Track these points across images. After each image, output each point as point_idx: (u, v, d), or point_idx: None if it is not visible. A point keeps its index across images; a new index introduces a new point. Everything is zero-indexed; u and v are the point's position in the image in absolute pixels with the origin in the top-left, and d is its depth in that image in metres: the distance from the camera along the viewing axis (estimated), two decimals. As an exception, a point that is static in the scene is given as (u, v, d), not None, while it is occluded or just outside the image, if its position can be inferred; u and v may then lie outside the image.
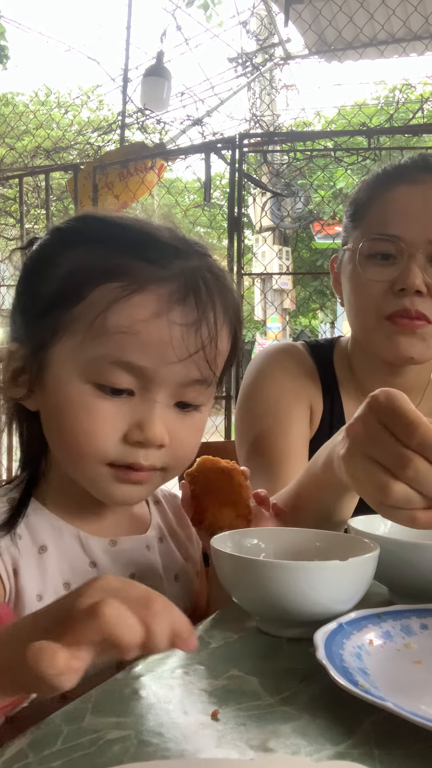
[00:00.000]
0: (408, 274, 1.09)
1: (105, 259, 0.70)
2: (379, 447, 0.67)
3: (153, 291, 0.68)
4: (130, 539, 0.82)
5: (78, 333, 0.69)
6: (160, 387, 0.70)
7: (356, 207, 1.21)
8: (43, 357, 0.72)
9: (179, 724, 0.51)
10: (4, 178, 5.56)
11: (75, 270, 0.71)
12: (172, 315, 0.68)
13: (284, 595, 0.65)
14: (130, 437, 0.70)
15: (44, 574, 0.74)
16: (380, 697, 0.50)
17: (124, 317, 0.68)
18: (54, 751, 0.48)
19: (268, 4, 7.40)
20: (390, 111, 5.76)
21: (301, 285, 9.53)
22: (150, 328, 0.68)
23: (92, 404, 0.69)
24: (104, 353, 0.68)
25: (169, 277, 0.69)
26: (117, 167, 4.30)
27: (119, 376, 0.69)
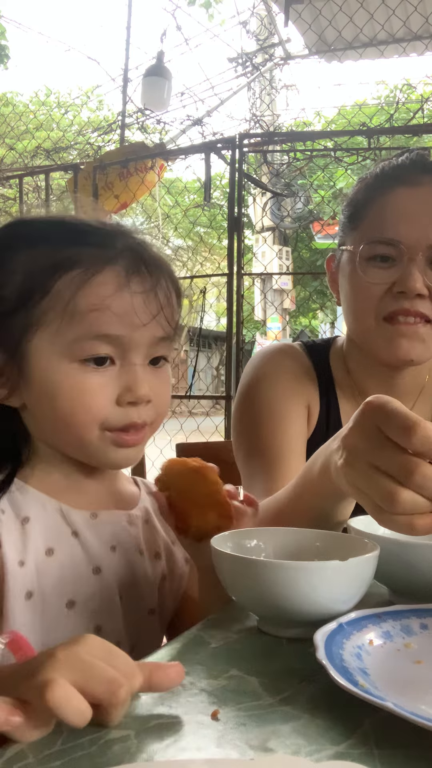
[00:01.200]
0: (408, 278, 1.09)
1: (57, 253, 0.77)
2: (381, 455, 0.66)
3: (110, 269, 0.77)
4: (111, 513, 0.86)
5: (52, 322, 0.76)
6: (135, 350, 0.79)
7: (354, 208, 1.20)
8: (21, 354, 0.78)
9: (179, 724, 0.51)
10: (4, 178, 5.56)
11: (32, 269, 0.78)
12: (132, 286, 0.78)
13: (284, 595, 0.65)
14: (122, 400, 0.78)
15: (26, 543, 0.79)
16: (380, 697, 0.50)
17: (93, 297, 0.76)
18: (54, 751, 0.48)
19: (268, 4, 7.40)
20: (390, 111, 5.76)
21: (301, 285, 9.53)
22: (116, 301, 0.76)
23: (83, 379, 0.77)
24: (83, 332, 0.76)
25: (118, 256, 0.78)
26: (117, 167, 4.31)
27: (100, 348, 0.77)
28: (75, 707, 0.47)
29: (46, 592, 0.79)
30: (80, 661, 0.49)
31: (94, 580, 0.82)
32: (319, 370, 1.28)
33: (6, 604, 0.76)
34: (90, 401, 0.77)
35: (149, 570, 0.89)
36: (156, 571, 0.90)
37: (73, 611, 0.80)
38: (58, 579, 0.80)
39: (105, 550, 0.84)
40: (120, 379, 0.78)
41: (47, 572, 0.79)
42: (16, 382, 0.79)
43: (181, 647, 0.66)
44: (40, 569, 0.79)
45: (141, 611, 0.88)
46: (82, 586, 0.81)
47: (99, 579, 0.83)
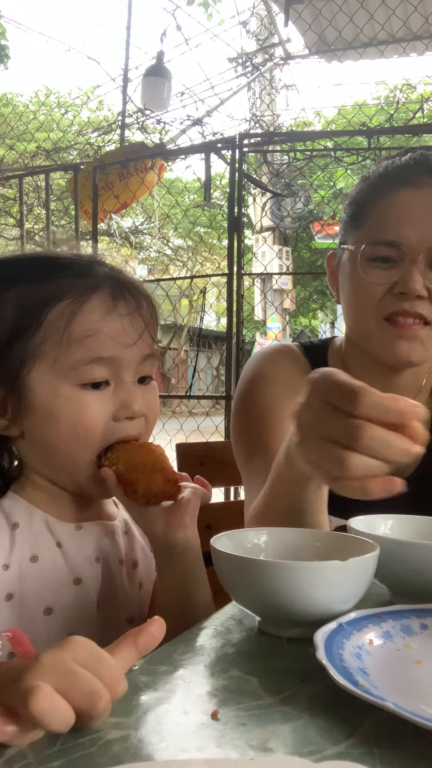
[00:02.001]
0: (409, 279, 1.09)
1: (44, 288, 0.83)
2: (329, 424, 0.68)
3: (96, 296, 0.83)
4: (94, 524, 0.90)
5: (49, 352, 0.81)
6: (127, 369, 0.85)
7: (357, 207, 1.20)
8: (21, 386, 0.82)
9: (179, 724, 0.51)
10: (4, 178, 5.56)
11: (22, 305, 0.83)
12: (118, 310, 0.84)
13: (284, 595, 0.65)
14: (118, 416, 0.83)
15: (13, 547, 0.83)
16: (380, 697, 0.50)
17: (85, 323, 0.81)
18: (54, 751, 0.48)
19: (268, 4, 7.40)
20: (390, 111, 5.76)
21: (301, 285, 9.53)
22: (107, 324, 0.82)
23: (83, 400, 0.82)
24: (80, 357, 0.81)
25: (100, 283, 0.84)
26: (117, 167, 4.30)
27: (96, 371, 0.82)
28: (59, 715, 0.46)
29: (25, 596, 0.82)
30: (65, 669, 0.49)
31: (74, 591, 0.85)
32: (315, 368, 1.27)
33: None
34: (91, 418, 0.82)
35: (127, 579, 0.92)
36: (134, 580, 0.93)
37: (50, 618, 0.83)
38: (39, 585, 0.83)
39: (88, 561, 0.87)
40: (115, 397, 0.84)
41: (29, 577, 0.82)
42: (16, 412, 0.83)
43: (181, 647, 0.66)
44: (23, 573, 0.82)
45: (119, 620, 0.90)
46: (60, 595, 0.84)
47: (78, 589, 0.85)
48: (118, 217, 8.13)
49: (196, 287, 6.16)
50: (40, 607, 0.82)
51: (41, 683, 0.47)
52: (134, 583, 0.93)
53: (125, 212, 5.62)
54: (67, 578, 0.85)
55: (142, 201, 4.51)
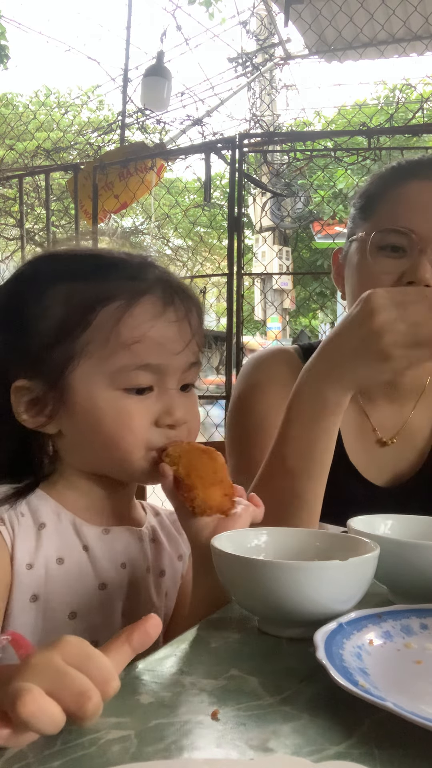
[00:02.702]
0: (418, 268, 1.09)
1: (95, 287, 0.81)
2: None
3: (147, 301, 0.81)
4: (122, 529, 0.88)
5: (95, 353, 0.80)
6: (171, 377, 0.83)
7: (367, 199, 1.21)
8: (64, 384, 0.81)
9: (179, 724, 0.51)
10: (4, 178, 5.56)
11: (71, 303, 0.81)
12: (167, 316, 0.82)
13: (284, 595, 0.65)
14: (161, 422, 0.82)
15: (39, 548, 0.81)
16: (380, 697, 0.50)
17: (134, 329, 0.79)
18: (54, 751, 0.48)
19: (268, 4, 7.40)
20: (390, 111, 5.76)
21: (301, 285, 9.53)
22: (156, 331, 0.80)
23: (126, 405, 0.81)
24: (126, 363, 0.80)
25: (152, 287, 0.82)
26: (117, 167, 4.31)
27: (142, 377, 0.81)
28: (48, 718, 0.46)
29: (50, 599, 0.80)
30: (53, 669, 0.48)
31: (99, 596, 0.83)
32: None
33: (11, 603, 0.79)
34: (134, 425, 0.81)
35: (153, 588, 0.90)
36: (160, 589, 0.92)
37: (74, 622, 0.81)
38: (65, 588, 0.81)
39: (114, 566, 0.85)
40: (158, 403, 0.82)
41: (55, 579, 0.81)
42: (56, 410, 0.82)
43: (181, 647, 0.66)
44: (49, 575, 0.81)
45: None
46: (85, 599, 0.82)
47: (103, 595, 0.84)
48: (117, 218, 8.11)
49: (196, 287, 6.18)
50: (64, 611, 0.81)
51: (29, 685, 0.46)
52: (161, 592, 0.92)
53: (125, 212, 5.61)
54: (93, 582, 0.83)
55: (142, 201, 4.51)
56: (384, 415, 1.25)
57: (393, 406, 1.25)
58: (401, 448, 1.24)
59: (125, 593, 0.86)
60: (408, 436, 1.25)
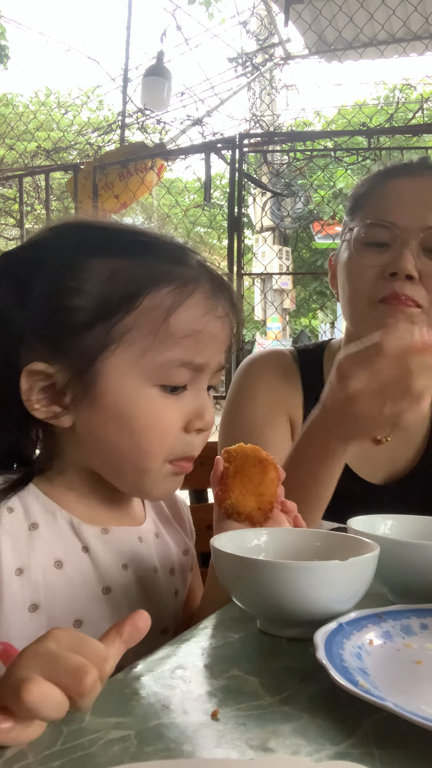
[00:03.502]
0: (400, 258, 1.10)
1: (140, 267, 0.72)
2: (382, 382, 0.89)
3: (198, 291, 0.73)
4: (122, 529, 0.82)
5: (137, 342, 0.71)
6: (205, 376, 0.77)
7: (355, 200, 1.23)
8: (93, 372, 0.71)
9: (179, 724, 0.51)
10: (4, 178, 5.56)
11: (112, 281, 0.71)
12: (216, 311, 0.75)
13: (284, 595, 0.65)
14: (191, 426, 0.76)
15: (31, 551, 0.74)
16: (380, 697, 0.50)
17: (186, 321, 0.72)
18: (54, 751, 0.48)
19: (268, 4, 7.40)
20: (390, 111, 5.76)
21: (301, 285, 9.53)
22: (206, 326, 0.73)
23: (161, 404, 0.73)
24: (173, 357, 0.72)
25: (198, 276, 0.74)
26: (117, 167, 4.31)
27: (183, 375, 0.74)
28: (52, 702, 0.46)
29: (53, 608, 0.74)
30: (48, 655, 0.48)
31: (104, 601, 0.78)
32: (307, 375, 1.28)
33: (3, 614, 0.72)
34: (166, 426, 0.74)
35: (163, 587, 0.85)
36: (170, 588, 0.86)
37: (80, 630, 0.72)
38: (67, 595, 0.75)
39: (116, 567, 0.79)
40: (189, 404, 0.75)
41: (55, 586, 0.74)
42: (78, 401, 0.73)
43: (181, 647, 0.66)
44: (48, 581, 0.74)
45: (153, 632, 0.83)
46: (91, 605, 0.76)
47: (109, 599, 0.78)
48: (117, 217, 8.13)
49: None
50: (69, 620, 0.74)
51: (31, 674, 0.46)
52: (170, 591, 0.86)
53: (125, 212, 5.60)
54: (96, 587, 0.77)
55: (142, 201, 4.51)
56: None
57: None
58: (396, 445, 1.25)
59: (132, 597, 0.80)
60: (403, 434, 1.26)
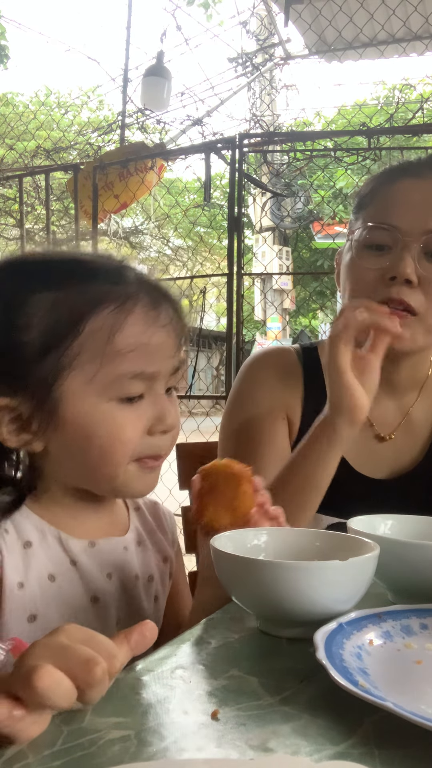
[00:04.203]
0: (399, 263, 1.09)
1: (82, 293, 0.77)
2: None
3: (138, 307, 0.78)
4: (108, 541, 0.86)
5: (86, 364, 0.75)
6: (160, 382, 0.81)
7: (360, 199, 1.22)
8: (52, 399, 0.76)
9: (179, 724, 0.51)
10: (4, 178, 5.56)
11: (58, 310, 0.76)
12: (159, 320, 0.79)
13: (284, 595, 0.65)
14: (153, 430, 0.80)
15: (28, 567, 0.79)
16: (380, 697, 0.50)
17: (130, 336, 0.76)
18: (54, 751, 0.48)
19: (268, 4, 7.40)
20: (390, 111, 5.76)
21: (301, 285, 9.53)
22: (151, 338, 0.78)
23: (120, 416, 0.78)
24: (123, 372, 0.76)
25: (137, 292, 0.79)
26: (117, 167, 4.30)
27: (137, 385, 0.78)
28: (63, 690, 0.48)
29: (49, 617, 0.79)
30: (59, 646, 0.50)
31: (92, 610, 0.82)
32: (309, 373, 1.28)
33: (6, 623, 0.77)
34: (127, 436, 0.78)
35: (143, 594, 0.89)
36: (150, 594, 0.91)
37: None
38: (61, 606, 0.80)
39: (101, 578, 0.84)
40: (150, 411, 0.80)
41: (50, 598, 0.79)
42: (43, 427, 0.77)
43: (181, 647, 0.66)
44: (44, 594, 0.79)
45: None
46: (81, 615, 0.81)
47: (96, 608, 0.83)
48: (117, 218, 8.12)
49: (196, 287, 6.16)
50: None
51: (42, 662, 0.48)
52: (150, 597, 0.91)
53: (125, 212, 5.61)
54: (84, 597, 0.82)
55: (142, 201, 4.51)
56: (384, 410, 1.25)
57: (393, 400, 1.25)
58: (401, 442, 1.24)
59: (117, 604, 0.85)
60: (408, 431, 1.25)
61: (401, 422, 1.25)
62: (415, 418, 1.26)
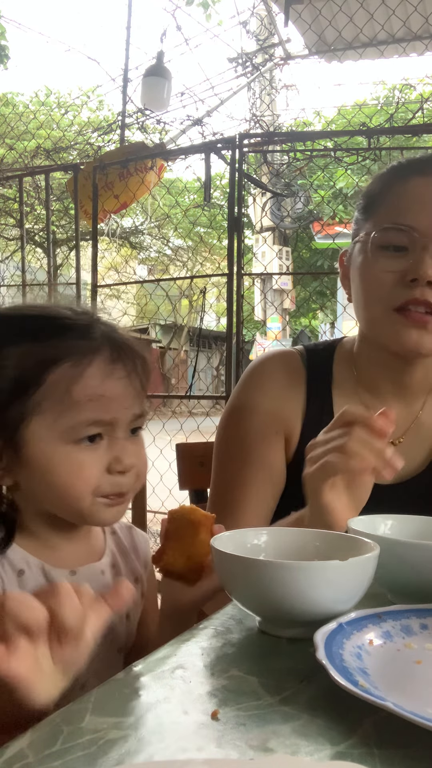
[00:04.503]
0: (420, 264, 1.07)
1: (45, 349, 0.85)
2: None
3: (96, 361, 0.85)
4: (87, 568, 0.93)
5: (48, 411, 0.84)
6: (120, 427, 0.88)
7: (369, 199, 1.19)
8: (18, 439, 0.85)
9: (179, 724, 0.51)
10: (4, 178, 5.56)
11: (23, 364, 0.85)
12: (115, 373, 0.86)
13: (284, 595, 0.65)
14: (112, 469, 0.87)
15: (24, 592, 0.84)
16: (380, 697, 0.50)
17: (86, 387, 0.84)
18: (54, 751, 0.48)
19: (268, 4, 7.40)
20: (390, 111, 5.76)
21: (301, 285, 9.53)
22: (106, 389, 0.85)
23: (79, 457, 0.85)
24: (80, 420, 0.84)
25: (100, 346, 0.87)
26: (117, 167, 4.30)
27: (93, 430, 0.85)
28: (28, 605, 0.57)
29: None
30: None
31: None
32: (312, 376, 1.26)
33: None
34: (86, 474, 0.85)
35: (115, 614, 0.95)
36: (121, 613, 0.97)
37: None
38: None
39: None
40: (108, 452, 0.87)
41: None
42: (11, 464, 0.86)
43: (181, 647, 0.66)
44: None
45: (111, 651, 0.95)
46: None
47: None
48: (117, 218, 8.12)
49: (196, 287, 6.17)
50: None
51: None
52: (122, 616, 0.97)
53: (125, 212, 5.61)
54: None
55: (142, 201, 4.51)
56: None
57: (401, 403, 1.23)
58: (410, 446, 1.23)
59: None
60: (417, 435, 1.24)
61: (410, 426, 1.24)
62: (424, 422, 1.24)
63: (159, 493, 3.81)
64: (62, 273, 10.29)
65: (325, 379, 1.26)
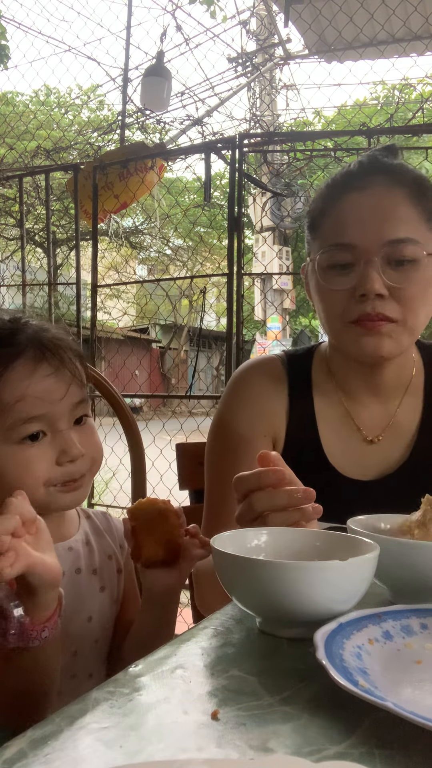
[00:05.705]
0: (367, 279, 1.11)
1: None
2: None
3: (18, 364, 0.93)
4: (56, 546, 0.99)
5: None
6: (60, 419, 0.95)
7: (312, 218, 1.23)
8: None
9: (179, 724, 0.51)
10: (4, 178, 5.56)
11: None
12: (39, 372, 0.93)
13: (284, 595, 0.65)
14: (60, 461, 0.94)
15: None
16: (380, 697, 0.50)
17: (12, 391, 0.92)
18: (54, 750, 0.48)
19: (268, 4, 7.40)
20: (390, 111, 5.76)
21: (301, 285, 9.51)
22: (32, 388, 0.92)
23: (25, 455, 0.93)
24: (15, 419, 0.92)
25: (22, 351, 0.94)
26: (117, 167, 4.30)
27: (33, 427, 0.93)
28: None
29: None
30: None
31: None
32: (293, 381, 1.30)
33: None
34: (33, 470, 0.92)
35: (86, 584, 1.04)
36: (93, 585, 1.06)
37: None
38: None
39: None
40: (54, 444, 0.94)
41: None
42: None
43: (181, 647, 0.66)
44: None
45: (81, 619, 1.03)
46: None
47: None
48: (117, 218, 8.11)
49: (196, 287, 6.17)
50: None
51: None
52: (93, 588, 1.05)
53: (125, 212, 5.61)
54: None
55: (142, 201, 4.51)
56: (369, 413, 1.27)
57: (378, 403, 1.27)
58: (388, 445, 1.26)
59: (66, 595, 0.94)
60: (395, 432, 1.27)
61: (388, 424, 1.27)
62: (401, 420, 1.28)
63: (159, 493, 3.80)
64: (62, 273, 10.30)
65: (305, 382, 1.30)
